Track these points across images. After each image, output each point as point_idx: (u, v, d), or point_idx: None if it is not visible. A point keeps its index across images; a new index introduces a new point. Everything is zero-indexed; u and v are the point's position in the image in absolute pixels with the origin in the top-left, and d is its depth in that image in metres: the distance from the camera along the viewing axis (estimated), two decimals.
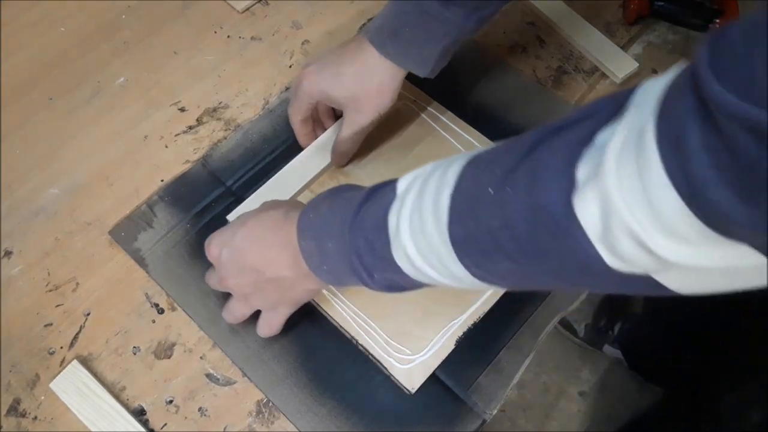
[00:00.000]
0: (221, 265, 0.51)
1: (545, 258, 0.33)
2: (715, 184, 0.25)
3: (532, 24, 0.74)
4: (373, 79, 0.57)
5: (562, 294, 0.59)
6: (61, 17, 0.72)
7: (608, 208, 0.29)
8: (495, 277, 0.38)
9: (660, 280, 0.31)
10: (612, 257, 0.31)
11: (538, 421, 1.17)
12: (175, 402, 0.54)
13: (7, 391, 0.54)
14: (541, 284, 0.38)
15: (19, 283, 0.58)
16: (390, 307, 0.57)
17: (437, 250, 0.38)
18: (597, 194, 0.30)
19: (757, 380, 0.82)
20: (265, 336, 0.54)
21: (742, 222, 0.25)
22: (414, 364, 0.55)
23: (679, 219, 0.27)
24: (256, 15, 0.74)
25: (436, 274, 0.40)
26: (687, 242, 0.28)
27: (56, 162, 0.64)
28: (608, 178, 0.29)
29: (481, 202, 0.35)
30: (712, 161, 0.25)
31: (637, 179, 0.28)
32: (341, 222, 0.44)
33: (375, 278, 0.44)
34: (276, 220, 0.49)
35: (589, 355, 1.21)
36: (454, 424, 0.54)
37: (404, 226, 0.39)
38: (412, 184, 0.41)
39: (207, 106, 0.68)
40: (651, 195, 0.27)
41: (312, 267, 0.47)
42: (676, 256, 0.28)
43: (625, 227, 0.29)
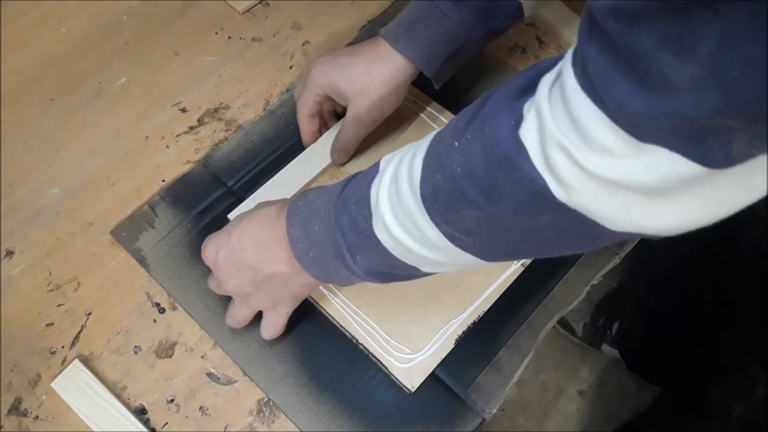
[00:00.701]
0: (218, 268, 0.52)
1: (502, 196, 0.35)
2: (612, 76, 0.27)
3: (531, 25, 0.74)
4: (382, 71, 0.58)
5: (562, 294, 0.59)
6: (62, 17, 0.72)
7: (542, 127, 0.32)
8: (464, 233, 0.39)
9: (594, 216, 0.33)
10: (556, 184, 0.32)
11: (537, 419, 1.18)
12: (176, 401, 0.55)
13: (9, 391, 0.54)
14: (508, 239, 0.38)
15: (21, 283, 0.59)
16: (390, 306, 0.57)
17: (412, 213, 0.40)
18: (534, 117, 0.32)
19: (741, 374, 0.82)
20: (270, 338, 0.54)
21: (646, 112, 0.27)
22: (414, 363, 0.55)
23: (594, 123, 0.29)
24: (257, 16, 0.74)
25: (413, 242, 0.41)
26: (608, 152, 0.30)
27: (57, 162, 0.64)
28: (541, 101, 0.32)
29: (446, 154, 0.37)
30: (604, 58, 0.28)
31: (559, 96, 0.31)
32: (327, 202, 0.45)
33: (358, 260, 0.44)
34: (269, 217, 0.50)
35: (587, 354, 1.21)
36: (453, 423, 0.54)
37: (383, 196, 0.41)
38: (392, 158, 0.42)
39: (208, 107, 0.68)
40: (569, 105, 0.30)
41: (298, 256, 0.47)
42: (600, 167, 0.30)
43: (555, 141, 0.31)
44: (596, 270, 0.60)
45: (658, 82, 0.26)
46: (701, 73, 0.24)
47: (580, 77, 0.30)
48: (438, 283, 0.58)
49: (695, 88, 0.25)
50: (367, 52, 0.59)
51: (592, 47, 0.28)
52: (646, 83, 0.26)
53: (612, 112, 0.29)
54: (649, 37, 0.25)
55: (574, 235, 0.36)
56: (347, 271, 0.46)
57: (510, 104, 0.34)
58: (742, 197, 0.30)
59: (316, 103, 0.62)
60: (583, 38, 0.29)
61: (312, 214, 0.46)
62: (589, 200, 0.32)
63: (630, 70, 0.27)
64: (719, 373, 0.88)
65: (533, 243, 0.38)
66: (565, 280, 0.60)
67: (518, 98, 0.34)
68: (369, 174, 0.44)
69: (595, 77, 0.29)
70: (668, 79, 0.25)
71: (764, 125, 0.25)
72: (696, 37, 0.24)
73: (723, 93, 0.24)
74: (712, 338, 0.90)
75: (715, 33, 0.23)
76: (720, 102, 0.25)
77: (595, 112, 0.29)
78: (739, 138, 0.26)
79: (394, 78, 0.58)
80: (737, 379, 0.83)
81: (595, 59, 0.28)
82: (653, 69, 0.26)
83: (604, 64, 0.28)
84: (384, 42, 0.58)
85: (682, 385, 0.99)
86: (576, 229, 0.34)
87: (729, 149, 0.27)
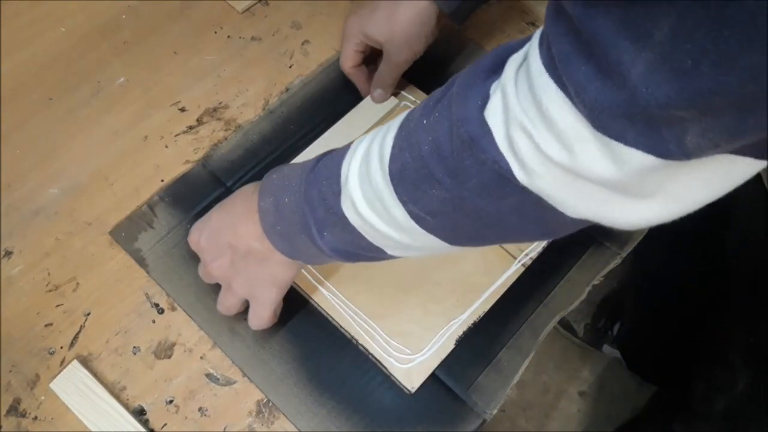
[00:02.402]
0: (201, 250, 0.52)
1: (467, 177, 0.35)
2: (573, 59, 0.27)
3: (532, 24, 0.74)
4: (405, 12, 0.59)
5: (562, 294, 0.59)
6: (61, 17, 0.72)
7: (507, 108, 0.32)
8: (429, 214, 0.39)
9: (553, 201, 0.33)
10: (518, 167, 0.32)
11: (538, 420, 1.17)
12: (175, 402, 0.54)
13: (7, 391, 0.54)
14: (472, 223, 0.38)
15: (20, 283, 0.58)
16: (390, 306, 0.57)
17: (380, 191, 0.39)
18: (500, 98, 0.32)
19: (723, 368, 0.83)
20: (256, 328, 0.54)
21: (602, 99, 0.27)
22: (414, 364, 0.55)
23: (555, 105, 0.29)
24: (256, 15, 0.74)
25: (379, 221, 0.41)
26: (567, 137, 0.30)
27: (56, 162, 0.64)
28: (507, 82, 0.32)
29: (414, 132, 0.37)
30: (567, 40, 0.28)
31: (524, 76, 0.31)
32: (299, 176, 0.45)
33: (325, 236, 0.44)
34: (246, 194, 0.50)
35: (588, 354, 1.21)
36: (454, 423, 0.54)
37: (353, 173, 0.41)
38: (365, 137, 0.42)
39: (207, 107, 0.68)
40: (533, 86, 0.30)
41: (266, 229, 0.47)
42: (559, 153, 0.30)
43: (518, 123, 0.31)
44: (597, 270, 0.60)
45: (614, 68, 0.26)
46: (655, 61, 0.24)
47: (545, 58, 0.30)
48: (438, 283, 0.58)
49: (649, 76, 0.25)
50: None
51: (557, 28, 0.28)
52: (603, 69, 0.26)
53: (571, 96, 0.29)
54: (606, 21, 0.25)
55: (536, 220, 0.36)
56: (314, 247, 0.45)
57: (478, 84, 0.34)
58: (703, 195, 0.31)
59: (357, 53, 0.64)
60: (549, 19, 0.29)
61: (283, 187, 0.46)
62: (549, 185, 0.32)
63: (590, 54, 0.27)
64: (704, 368, 0.88)
65: (497, 227, 0.38)
66: (566, 280, 0.59)
67: (486, 78, 0.34)
68: (342, 151, 0.44)
69: (558, 59, 0.29)
70: (623, 64, 0.25)
71: (716, 117, 0.25)
72: (652, 24, 0.24)
73: (675, 83, 0.24)
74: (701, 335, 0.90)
75: (670, 20, 0.23)
76: (672, 92, 0.25)
77: (556, 93, 0.29)
78: (692, 129, 0.26)
79: (418, 18, 0.59)
80: (719, 373, 0.83)
81: (559, 41, 0.28)
82: (610, 54, 0.26)
83: (567, 46, 0.28)
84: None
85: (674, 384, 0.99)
86: (538, 213, 0.35)
87: (683, 140, 0.27)
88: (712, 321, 0.87)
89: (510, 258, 0.59)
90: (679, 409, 0.92)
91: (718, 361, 0.85)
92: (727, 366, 0.81)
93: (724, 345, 0.83)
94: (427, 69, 0.70)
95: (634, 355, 1.15)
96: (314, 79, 0.69)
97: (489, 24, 0.74)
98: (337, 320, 0.57)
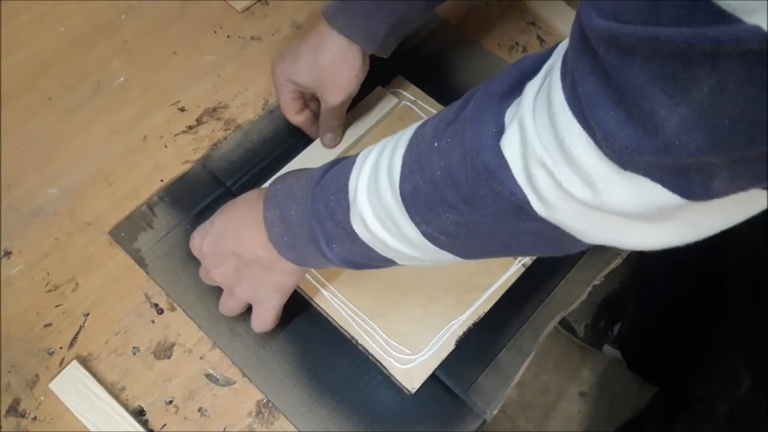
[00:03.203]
0: (204, 256, 0.52)
1: (483, 205, 0.35)
2: (601, 102, 0.27)
3: (532, 24, 0.74)
4: (327, 56, 0.57)
5: (563, 294, 0.59)
6: (60, 17, 0.72)
7: (525, 141, 0.31)
8: (443, 234, 0.38)
9: (572, 230, 0.33)
10: (537, 200, 0.32)
11: (538, 421, 1.17)
12: (175, 402, 0.54)
13: (7, 392, 0.54)
14: (487, 242, 0.38)
15: (19, 284, 0.58)
16: (390, 307, 0.57)
17: (391, 210, 0.39)
18: (517, 130, 0.32)
19: (725, 371, 0.82)
20: (259, 331, 0.54)
21: (632, 145, 0.27)
22: (414, 364, 0.55)
23: (578, 144, 0.29)
24: (256, 15, 0.73)
25: (391, 238, 0.40)
26: (589, 175, 0.29)
27: (56, 162, 0.64)
28: (525, 114, 0.31)
29: (426, 155, 0.37)
30: (595, 80, 0.27)
31: (545, 109, 0.30)
32: (305, 188, 0.44)
33: (334, 249, 0.44)
34: (250, 201, 0.50)
35: (589, 355, 1.20)
36: (454, 424, 0.54)
37: (362, 189, 0.40)
38: (372, 150, 0.42)
39: (207, 106, 0.67)
40: (555, 122, 0.30)
41: (273, 239, 0.47)
42: (580, 191, 0.30)
43: (538, 159, 0.31)
44: (598, 270, 0.60)
45: (647, 118, 0.25)
46: (691, 116, 0.24)
47: (569, 94, 0.29)
48: (438, 283, 0.58)
49: (683, 130, 0.25)
50: (309, 39, 0.58)
51: (583, 66, 0.28)
52: (634, 116, 0.26)
53: (597, 138, 0.28)
54: (641, 73, 0.25)
55: (551, 241, 0.36)
56: (322, 258, 0.45)
57: (492, 107, 0.34)
58: (719, 224, 0.31)
59: (294, 101, 0.62)
60: (574, 53, 0.28)
61: (289, 198, 0.45)
62: (569, 217, 0.32)
63: (620, 100, 0.26)
64: (705, 370, 0.88)
65: (512, 246, 0.38)
66: (566, 280, 0.59)
67: (501, 101, 0.34)
68: (349, 163, 0.43)
69: (584, 99, 0.28)
70: (657, 116, 0.25)
71: (747, 166, 0.25)
72: (691, 82, 0.24)
73: (711, 137, 0.24)
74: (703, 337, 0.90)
75: (711, 81, 0.23)
76: (707, 145, 0.25)
77: (580, 134, 0.29)
78: (721, 175, 0.26)
79: (343, 59, 0.57)
80: (721, 376, 0.83)
81: (585, 80, 0.28)
82: (643, 104, 0.25)
83: (595, 88, 0.27)
84: (323, 22, 0.57)
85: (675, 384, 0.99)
86: (554, 237, 0.35)
87: (710, 185, 0.27)
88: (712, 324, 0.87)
89: (510, 258, 0.59)
90: (680, 410, 0.92)
91: (720, 364, 0.85)
92: (728, 369, 0.81)
93: (726, 348, 0.83)
94: (427, 69, 0.70)
95: (634, 355, 1.15)
96: None
97: (489, 24, 0.74)
98: (337, 320, 0.57)
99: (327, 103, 0.60)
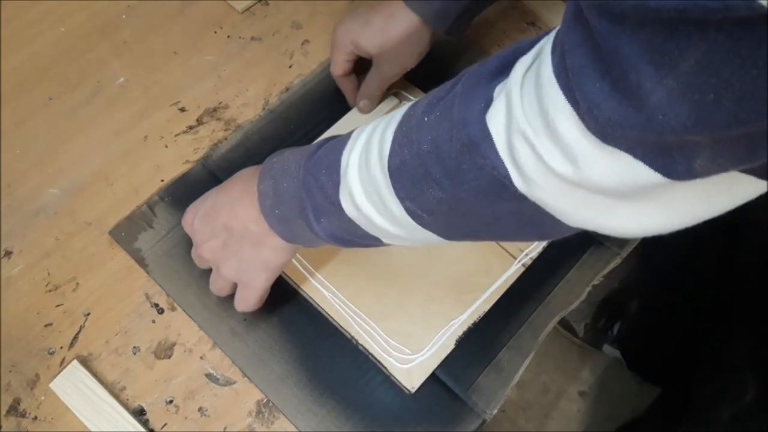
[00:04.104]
0: (195, 232, 0.52)
1: (465, 179, 0.35)
2: (588, 73, 0.26)
3: (532, 24, 0.74)
4: (397, 29, 0.59)
5: (562, 294, 0.59)
6: (60, 17, 0.72)
7: (510, 115, 0.31)
8: (426, 212, 0.39)
9: (552, 209, 0.33)
10: (518, 175, 0.32)
11: (538, 420, 1.17)
12: (175, 402, 0.54)
13: (7, 391, 0.54)
14: (468, 222, 0.38)
15: (19, 283, 0.58)
16: (390, 306, 0.57)
17: (378, 185, 0.40)
18: (503, 103, 0.32)
19: (731, 377, 0.82)
20: (242, 310, 0.54)
21: (615, 118, 0.26)
22: (414, 364, 0.55)
23: (562, 117, 0.29)
24: (256, 15, 0.73)
25: (376, 213, 0.41)
26: (571, 150, 0.29)
27: (56, 162, 0.64)
28: (513, 87, 0.31)
29: (415, 129, 0.37)
30: (583, 51, 0.27)
31: (533, 83, 0.30)
32: (299, 161, 0.45)
33: (322, 223, 0.44)
34: (246, 176, 0.50)
35: (588, 354, 1.21)
36: (454, 424, 0.54)
37: (353, 164, 0.41)
38: (365, 128, 0.42)
39: (207, 106, 0.68)
40: (541, 95, 0.30)
41: (265, 212, 0.47)
42: (562, 165, 0.30)
43: (521, 132, 0.31)
44: (597, 270, 0.60)
45: (633, 90, 0.25)
46: (676, 90, 0.24)
47: (557, 66, 0.29)
48: (438, 283, 0.58)
49: (668, 104, 0.24)
50: (382, 9, 0.60)
51: (574, 35, 0.27)
52: (620, 88, 0.26)
53: (581, 110, 0.28)
54: (631, 42, 0.24)
55: (532, 224, 0.36)
56: (311, 232, 0.45)
57: (482, 84, 0.34)
58: (703, 210, 0.30)
59: (347, 62, 0.63)
60: (566, 23, 0.28)
61: (283, 171, 0.46)
62: (548, 194, 0.32)
63: (606, 71, 0.26)
64: (709, 375, 0.88)
65: (493, 227, 0.38)
66: (566, 280, 0.59)
67: (492, 79, 0.34)
68: (342, 140, 0.44)
69: (571, 69, 0.28)
70: (643, 88, 0.25)
71: (729, 146, 0.25)
72: (679, 53, 0.23)
73: (695, 113, 0.24)
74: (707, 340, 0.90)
75: (698, 52, 0.23)
76: (690, 121, 0.24)
77: (564, 106, 0.29)
78: (704, 154, 0.26)
79: (409, 35, 0.59)
80: (727, 382, 0.83)
81: (575, 51, 0.27)
82: (630, 75, 0.25)
83: (583, 58, 0.27)
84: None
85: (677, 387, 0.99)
86: (535, 218, 0.35)
87: (692, 163, 0.27)
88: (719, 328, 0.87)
89: (510, 258, 0.59)
90: (682, 412, 0.92)
91: (726, 369, 0.84)
92: (734, 375, 0.81)
93: (732, 354, 0.83)
94: (427, 69, 0.70)
95: (634, 355, 1.15)
96: (314, 79, 0.69)
97: (489, 24, 0.74)
98: (337, 320, 0.57)
99: (382, 73, 0.62)
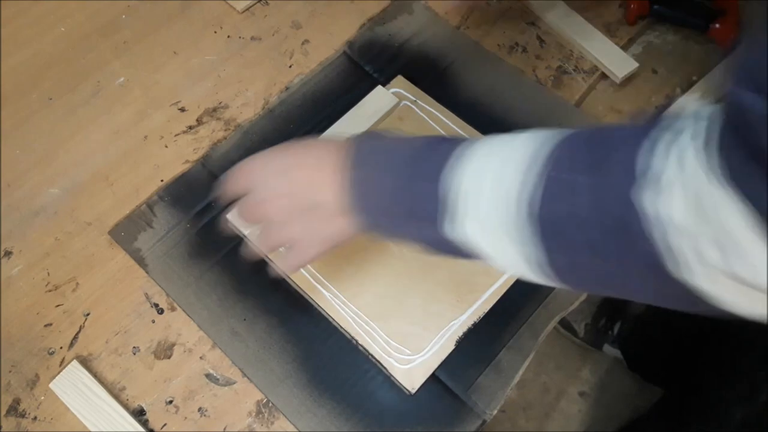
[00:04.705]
0: (264, 184, 0.48)
1: (627, 260, 0.34)
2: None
3: (532, 24, 0.74)
4: None
5: (562, 294, 0.59)
6: (60, 17, 0.72)
7: (691, 216, 0.30)
8: (568, 270, 0.38)
9: (717, 302, 0.32)
10: (685, 268, 0.31)
11: (538, 421, 1.17)
12: (175, 402, 0.54)
13: (7, 391, 0.54)
14: (606, 288, 0.38)
15: (19, 283, 0.58)
16: (390, 307, 0.57)
17: (517, 227, 0.38)
18: (669, 195, 0.31)
19: (744, 378, 0.82)
20: (287, 271, 0.52)
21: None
22: (414, 365, 0.55)
23: (739, 227, 0.28)
24: (256, 15, 0.73)
25: (500, 254, 0.40)
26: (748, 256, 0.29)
27: (56, 162, 0.64)
28: (674, 178, 0.31)
29: (569, 189, 0.36)
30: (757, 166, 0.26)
31: (702, 179, 0.30)
32: (408, 160, 0.42)
33: (423, 232, 0.42)
34: (334, 145, 0.47)
35: (589, 355, 1.21)
36: (454, 424, 0.54)
37: (485, 197, 0.39)
38: (483, 143, 0.40)
39: (207, 106, 0.67)
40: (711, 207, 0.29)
41: (356, 198, 0.44)
42: (736, 269, 0.29)
43: (692, 240, 0.30)
44: None
45: None
46: None
47: (727, 174, 0.28)
48: (438, 283, 0.58)
49: None
50: None
51: (739, 149, 0.27)
52: None
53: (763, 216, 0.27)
54: None
55: (678, 299, 0.35)
56: (416, 233, 0.43)
57: (638, 160, 0.33)
58: None
59: None
60: (729, 136, 0.28)
61: (387, 164, 0.43)
62: (724, 294, 0.32)
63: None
64: (721, 376, 0.88)
65: (633, 295, 0.38)
66: None
67: (635, 148, 0.33)
68: (458, 153, 0.41)
69: (741, 178, 0.27)
70: None
71: None
72: None
73: None
74: (716, 340, 0.89)
75: None
76: None
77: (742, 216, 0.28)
78: None
79: None
80: (740, 383, 0.83)
81: (746, 165, 0.27)
82: None
83: (757, 172, 0.27)
84: None
85: (684, 387, 0.98)
86: (685, 299, 0.34)
87: None
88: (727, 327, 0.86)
89: None
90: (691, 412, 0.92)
91: (737, 370, 0.84)
92: (747, 376, 0.80)
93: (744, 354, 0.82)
94: (427, 69, 0.70)
95: (635, 355, 1.15)
96: (314, 79, 0.69)
97: (489, 24, 0.74)
98: (338, 321, 0.57)
99: None
